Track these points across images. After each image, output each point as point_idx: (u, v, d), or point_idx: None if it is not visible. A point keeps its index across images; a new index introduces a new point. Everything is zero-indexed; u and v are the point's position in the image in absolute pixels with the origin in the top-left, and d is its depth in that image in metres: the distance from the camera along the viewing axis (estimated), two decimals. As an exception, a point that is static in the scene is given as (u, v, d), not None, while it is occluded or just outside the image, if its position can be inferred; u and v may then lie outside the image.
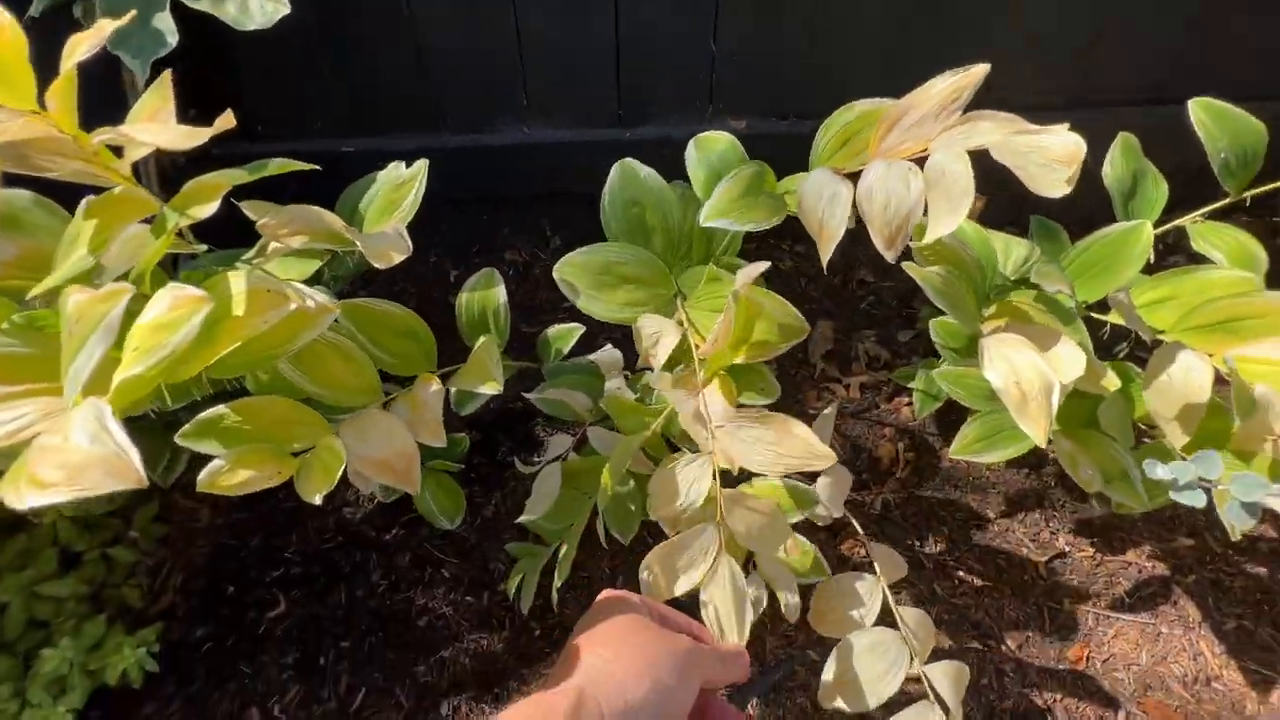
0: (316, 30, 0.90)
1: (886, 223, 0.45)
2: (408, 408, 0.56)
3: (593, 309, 0.59)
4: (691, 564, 0.49)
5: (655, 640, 0.35)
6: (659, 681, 0.32)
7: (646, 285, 0.61)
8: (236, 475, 0.42)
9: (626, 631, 0.35)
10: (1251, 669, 0.75)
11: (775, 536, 0.50)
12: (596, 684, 0.31)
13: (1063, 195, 0.41)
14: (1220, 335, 0.58)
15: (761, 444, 0.47)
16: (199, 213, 0.50)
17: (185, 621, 0.78)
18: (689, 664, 0.34)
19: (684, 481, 0.49)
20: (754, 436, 0.48)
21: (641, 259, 0.60)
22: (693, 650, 0.35)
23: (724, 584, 0.48)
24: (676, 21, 0.92)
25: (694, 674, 0.34)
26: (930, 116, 0.46)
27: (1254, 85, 0.98)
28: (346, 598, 0.80)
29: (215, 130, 0.44)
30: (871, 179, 0.46)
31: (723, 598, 0.48)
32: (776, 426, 0.47)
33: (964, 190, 0.42)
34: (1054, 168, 0.40)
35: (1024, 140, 0.41)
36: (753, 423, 0.48)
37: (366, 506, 0.87)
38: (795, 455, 0.47)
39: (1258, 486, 0.42)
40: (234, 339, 0.38)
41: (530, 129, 1.04)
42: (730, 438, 0.48)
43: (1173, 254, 1.08)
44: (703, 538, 0.49)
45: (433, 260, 1.16)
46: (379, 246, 0.53)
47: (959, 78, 0.45)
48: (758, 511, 0.49)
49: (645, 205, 0.63)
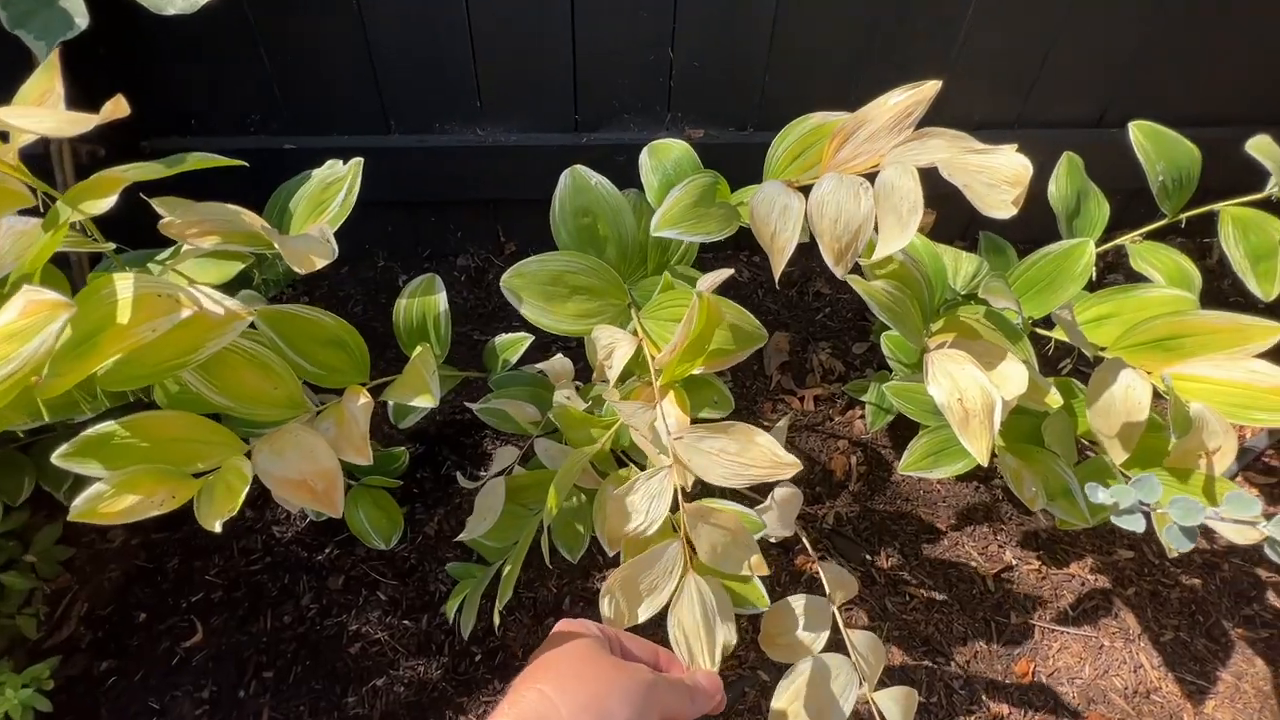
0: (255, 22, 0.85)
1: (836, 238, 0.44)
2: (334, 422, 0.52)
3: (542, 321, 0.56)
4: (655, 586, 0.45)
5: (607, 673, 0.32)
6: (607, 718, 0.30)
7: (599, 295, 0.58)
8: (121, 501, 0.38)
9: (577, 663, 0.33)
10: (1188, 680, 0.77)
11: (740, 553, 0.48)
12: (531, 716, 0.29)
13: (1009, 216, 0.41)
14: (1159, 353, 0.59)
15: (724, 455, 0.45)
16: (93, 208, 0.46)
17: (89, 653, 0.71)
18: (645, 698, 0.32)
19: (643, 498, 0.45)
20: (716, 448, 0.45)
21: (593, 268, 0.58)
22: (651, 683, 0.33)
23: (693, 604, 0.45)
24: (634, 27, 0.90)
25: (650, 709, 0.32)
26: (883, 131, 0.45)
27: (1192, 112, 1.03)
28: (271, 624, 0.75)
29: (103, 118, 0.40)
30: (822, 192, 0.44)
31: (691, 620, 0.44)
32: (739, 436, 0.45)
33: (913, 207, 0.41)
34: (1001, 188, 0.40)
35: (973, 160, 0.40)
36: (714, 434, 0.45)
37: (297, 525, 0.82)
38: (759, 465, 0.44)
39: (1195, 510, 0.42)
40: (117, 348, 0.34)
41: (484, 131, 1.00)
42: (690, 450, 0.46)
43: (1113, 271, 1.12)
44: (666, 557, 0.46)
45: (381, 265, 1.12)
46: (300, 250, 0.49)
47: (912, 94, 0.45)
48: (723, 527, 0.47)
49: (597, 215, 0.61)
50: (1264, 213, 0.68)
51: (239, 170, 0.56)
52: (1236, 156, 0.67)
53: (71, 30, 0.63)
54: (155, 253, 0.63)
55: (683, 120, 1.02)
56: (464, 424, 0.92)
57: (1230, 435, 0.55)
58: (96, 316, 0.35)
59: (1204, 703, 0.75)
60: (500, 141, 1.00)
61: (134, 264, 0.63)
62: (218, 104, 0.94)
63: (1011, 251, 0.83)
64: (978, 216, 1.00)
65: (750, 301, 1.09)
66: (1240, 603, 0.82)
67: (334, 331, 0.56)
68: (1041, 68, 0.98)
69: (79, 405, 0.45)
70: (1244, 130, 0.69)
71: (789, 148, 0.56)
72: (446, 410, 0.93)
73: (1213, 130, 1.03)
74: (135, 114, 1.03)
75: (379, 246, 1.13)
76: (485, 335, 1.02)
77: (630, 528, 0.45)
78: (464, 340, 1.02)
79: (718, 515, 0.47)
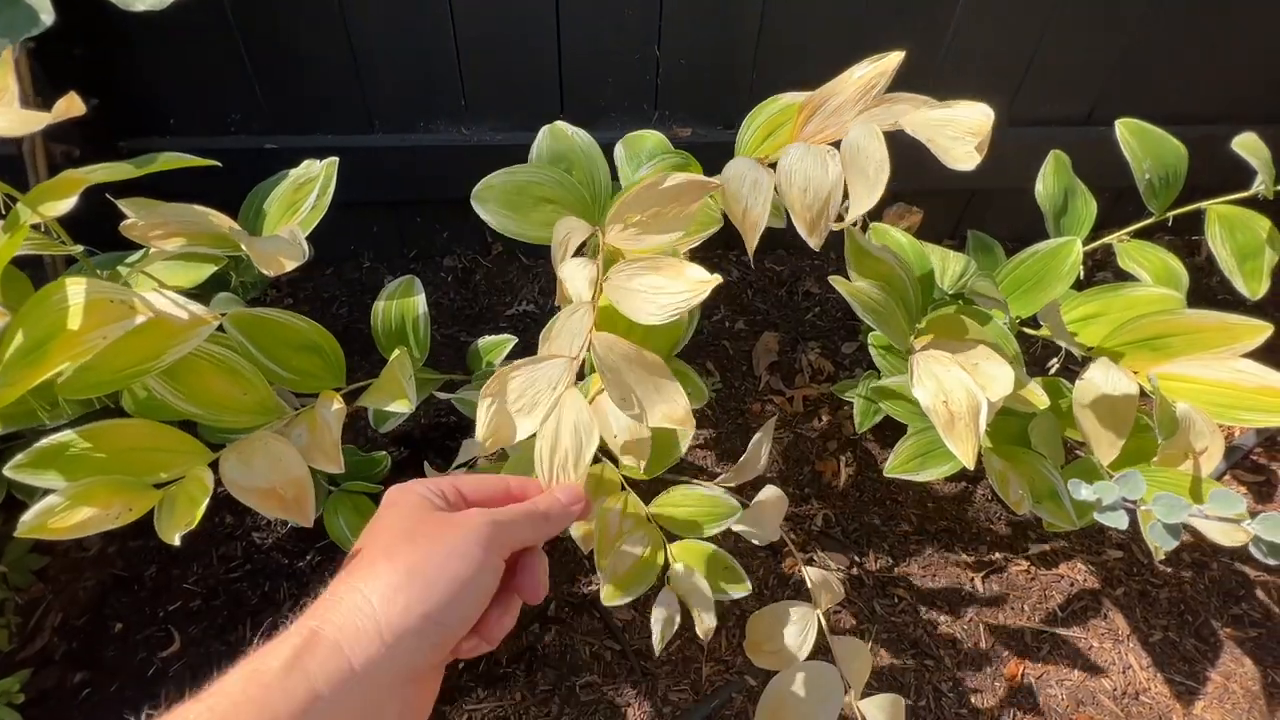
0: (235, 19, 0.84)
1: (807, 206, 0.43)
2: (307, 429, 0.51)
3: (508, 228, 0.55)
4: (535, 403, 0.40)
5: (426, 535, 0.28)
6: (431, 584, 0.26)
7: (566, 207, 0.57)
8: (75, 514, 0.37)
9: (394, 541, 0.28)
10: (1177, 681, 0.76)
11: (657, 397, 0.41)
12: (336, 619, 0.25)
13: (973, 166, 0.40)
14: (1146, 352, 0.58)
15: (654, 291, 0.40)
16: (54, 209, 0.45)
17: (63, 665, 0.70)
18: (476, 543, 0.28)
19: (564, 337, 0.41)
20: (649, 284, 0.41)
21: (560, 180, 0.57)
22: (479, 525, 0.29)
23: (564, 416, 0.39)
24: (620, 25, 0.89)
25: (483, 551, 0.28)
26: (850, 103, 0.44)
27: (1180, 110, 1.03)
28: (251, 633, 0.73)
29: (55, 116, 0.38)
30: (790, 161, 0.43)
31: (554, 433, 0.38)
32: (669, 269, 0.41)
33: (879, 165, 0.40)
34: (964, 139, 0.39)
35: (937, 114, 0.39)
36: (646, 271, 0.41)
37: (278, 531, 0.81)
38: (684, 290, 0.40)
39: (1179, 508, 0.41)
40: (68, 356, 0.33)
41: (469, 130, 0.99)
42: (620, 290, 0.41)
43: (1101, 270, 1.11)
44: (551, 367, 0.40)
45: (366, 265, 1.10)
46: (268, 252, 0.48)
47: (876, 66, 0.44)
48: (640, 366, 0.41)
49: (572, 161, 0.60)
50: (1251, 211, 0.68)
51: (219, 170, 0.55)
52: (1225, 154, 0.66)
53: (36, 27, 0.61)
54: (126, 255, 0.62)
55: (670, 118, 1.01)
56: (449, 427, 0.91)
57: (1217, 436, 0.54)
58: (48, 323, 0.34)
59: (1193, 703, 0.75)
60: (485, 140, 0.99)
61: (104, 266, 0.61)
62: (197, 103, 0.92)
63: (999, 250, 0.82)
64: (967, 214, 1.00)
65: (739, 301, 1.08)
66: (1229, 602, 0.82)
67: (308, 335, 0.55)
68: (1029, 66, 0.98)
69: (36, 414, 0.44)
70: (1233, 127, 0.69)
71: (759, 128, 0.55)
72: (431, 413, 0.92)
73: (1202, 128, 1.02)
74: (112, 113, 1.01)
75: (364, 247, 1.11)
76: (472, 336, 1.00)
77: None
78: (451, 342, 1.01)
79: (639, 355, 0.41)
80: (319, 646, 0.23)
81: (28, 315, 0.34)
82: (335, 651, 0.24)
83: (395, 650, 0.24)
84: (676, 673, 0.74)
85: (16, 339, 0.34)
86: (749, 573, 0.82)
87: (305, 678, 0.23)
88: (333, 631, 0.24)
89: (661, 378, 0.41)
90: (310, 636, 0.24)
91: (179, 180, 0.55)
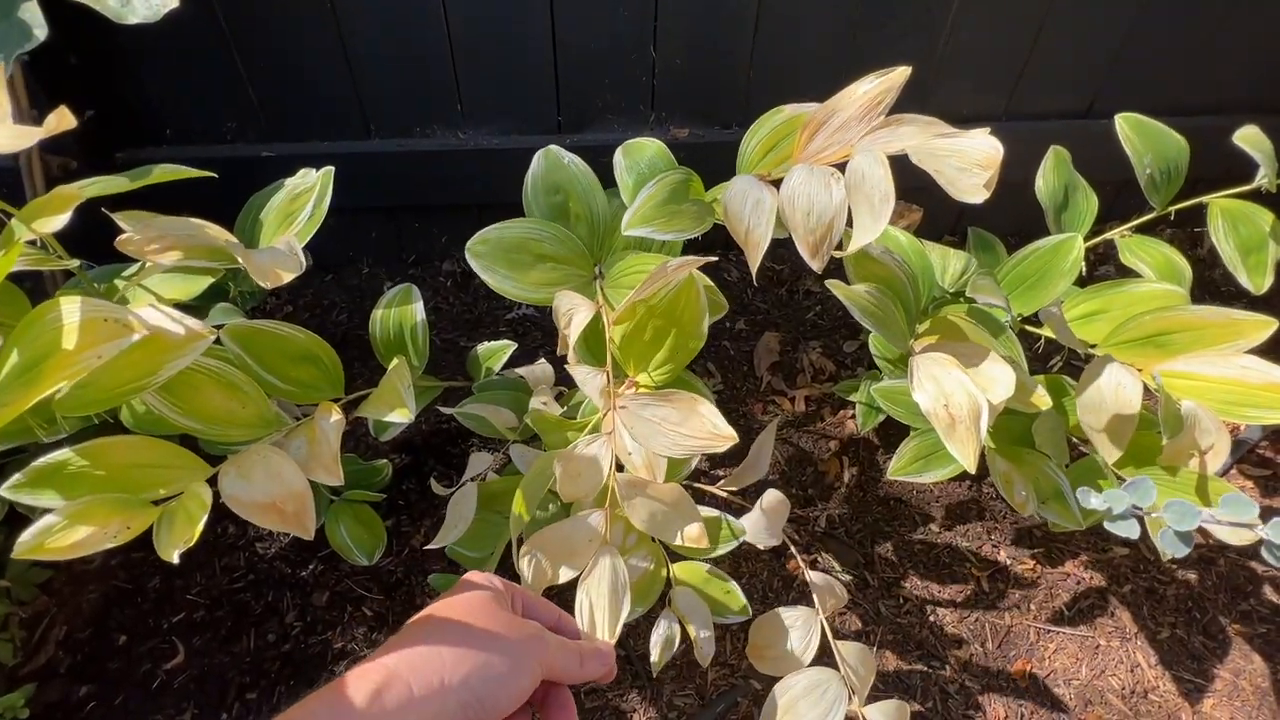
0: (229, 29, 0.84)
1: (810, 230, 0.43)
2: (305, 441, 0.51)
3: (506, 289, 0.55)
4: (574, 552, 0.45)
5: (494, 622, 0.32)
6: (486, 665, 0.30)
7: (564, 264, 0.57)
8: (73, 534, 0.36)
9: (466, 613, 0.32)
10: (1185, 679, 0.76)
11: (678, 521, 0.46)
12: (413, 664, 0.29)
13: (982, 200, 0.40)
14: (1149, 349, 0.58)
15: (666, 424, 0.43)
16: (48, 225, 0.44)
17: (67, 679, 0.70)
18: (530, 651, 0.32)
19: (584, 464, 0.45)
20: (659, 416, 0.44)
21: (558, 237, 0.57)
22: (538, 637, 0.33)
23: (602, 575, 0.44)
24: (615, 27, 0.89)
25: (534, 662, 0.32)
26: (854, 120, 0.44)
27: (1182, 101, 1.02)
28: (255, 643, 0.73)
29: (47, 131, 0.38)
30: (793, 184, 0.43)
31: (599, 590, 0.43)
32: (681, 405, 0.43)
33: (885, 196, 0.40)
34: (973, 171, 0.38)
35: (943, 144, 0.39)
36: (657, 401, 0.44)
37: (281, 541, 0.80)
38: (698, 435, 0.43)
39: (1191, 515, 0.41)
40: (62, 376, 0.33)
41: (465, 135, 0.99)
42: (633, 418, 0.44)
43: (1104, 264, 1.11)
44: (589, 523, 0.45)
45: (366, 271, 1.10)
46: (265, 264, 0.48)
47: (882, 81, 0.43)
48: (658, 499, 0.46)
49: (569, 193, 0.60)
50: (1254, 204, 0.67)
51: (216, 179, 0.55)
52: (1228, 145, 0.65)
53: (30, 42, 0.61)
54: (123, 268, 0.62)
55: (667, 120, 1.00)
56: (450, 433, 0.91)
57: (1223, 434, 0.54)
58: (42, 343, 0.34)
59: (1202, 701, 0.74)
60: (482, 145, 0.98)
61: (101, 280, 0.61)
62: (193, 113, 0.92)
63: (1000, 247, 0.82)
64: (967, 211, 0.98)
65: (740, 301, 1.08)
66: (1237, 598, 0.81)
67: (305, 346, 0.55)
68: (1028, 59, 0.97)
69: (34, 431, 0.43)
70: (1236, 119, 0.68)
71: (761, 141, 0.55)
72: (432, 420, 0.91)
73: (1205, 119, 1.02)
74: (109, 124, 1.01)
75: (363, 253, 1.11)
76: (472, 341, 1.00)
77: (572, 494, 0.44)
78: (451, 347, 1.01)
79: (654, 488, 0.45)
80: (395, 687, 0.28)
81: (22, 335, 0.34)
82: (406, 690, 0.28)
83: (445, 701, 0.28)
84: (681, 677, 0.74)
85: (11, 359, 0.34)
86: (752, 575, 0.82)
87: (382, 710, 0.27)
88: (408, 674, 0.28)
89: (679, 505, 0.45)
90: (390, 677, 0.28)
91: (176, 188, 0.54)
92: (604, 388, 0.46)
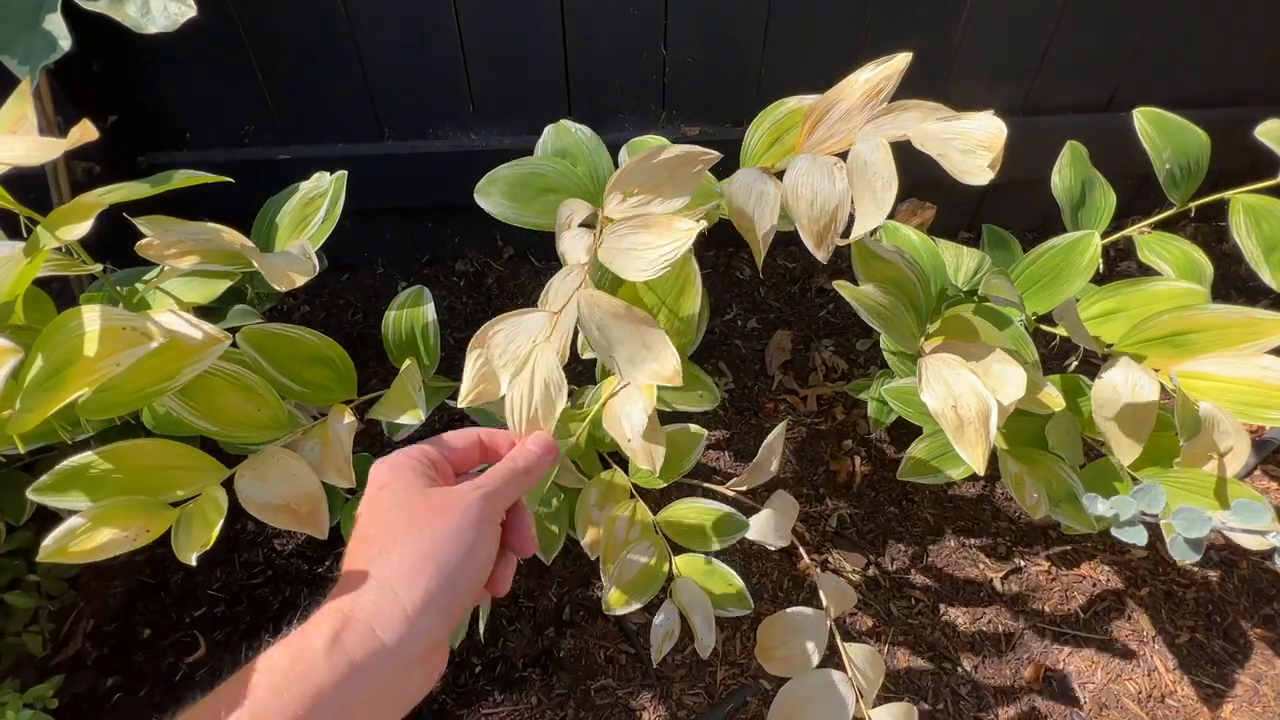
0: (246, 34, 0.85)
1: (814, 220, 0.43)
2: (319, 443, 0.52)
3: (508, 216, 0.56)
4: (517, 357, 0.40)
5: (425, 515, 0.30)
6: (443, 567, 0.29)
7: (568, 194, 0.57)
8: (96, 537, 0.38)
9: (393, 522, 0.30)
10: (1204, 684, 0.74)
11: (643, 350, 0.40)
12: (364, 603, 0.27)
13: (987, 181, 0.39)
14: (1167, 349, 0.57)
15: (645, 248, 0.40)
16: (72, 232, 0.46)
17: (94, 670, 0.72)
18: (472, 516, 0.30)
19: (555, 294, 0.41)
20: (640, 242, 0.40)
21: (564, 170, 0.58)
22: (475, 500, 0.31)
23: (536, 370, 0.39)
24: (624, 26, 0.89)
25: (482, 521, 0.30)
26: (856, 109, 0.44)
27: (1205, 93, 0.99)
28: (274, 637, 0.75)
29: (71, 143, 0.39)
30: (796, 174, 0.43)
31: (534, 384, 0.39)
32: (658, 225, 0.40)
33: (887, 181, 0.40)
34: (976, 153, 0.38)
35: (945, 126, 0.38)
36: (637, 229, 0.41)
37: (298, 538, 0.82)
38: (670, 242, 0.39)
39: (1201, 521, 0.40)
40: (84, 382, 0.34)
41: (477, 136, 1.00)
42: (612, 251, 0.41)
43: (1125, 260, 1.09)
44: (531, 322, 0.40)
45: (380, 272, 1.12)
46: (280, 268, 0.49)
47: (882, 68, 0.43)
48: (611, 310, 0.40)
49: (576, 157, 0.61)
50: (1277, 200, 0.66)
51: (233, 180, 0.56)
52: (1253, 139, 0.64)
53: (55, 53, 0.63)
54: (143, 271, 0.63)
55: (678, 118, 1.00)
56: (462, 432, 0.92)
57: (1242, 435, 0.53)
58: (65, 350, 0.35)
59: (1221, 706, 0.73)
60: (494, 145, 0.99)
61: (123, 283, 0.63)
62: (212, 117, 0.94)
63: (1016, 245, 0.80)
64: (983, 207, 0.97)
65: (752, 298, 1.07)
66: (1259, 602, 0.80)
67: (318, 349, 0.56)
68: (1046, 52, 0.95)
69: (57, 434, 0.45)
70: (1261, 109, 0.66)
71: (765, 134, 0.54)
72: (445, 419, 0.93)
73: (1229, 111, 0.99)
74: (131, 130, 1.03)
75: (377, 253, 1.12)
76: (483, 341, 1.01)
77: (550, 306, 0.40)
78: (463, 346, 1.01)
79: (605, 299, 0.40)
80: (354, 628, 0.27)
81: (46, 342, 0.35)
82: (369, 633, 0.27)
83: (418, 626, 0.27)
84: (691, 676, 0.74)
85: (36, 366, 0.35)
86: (761, 575, 0.82)
87: (344, 654, 0.26)
88: (364, 616, 0.27)
89: (649, 331, 0.40)
90: (346, 620, 0.27)
91: (195, 188, 0.56)
92: (590, 245, 0.42)
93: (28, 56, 0.63)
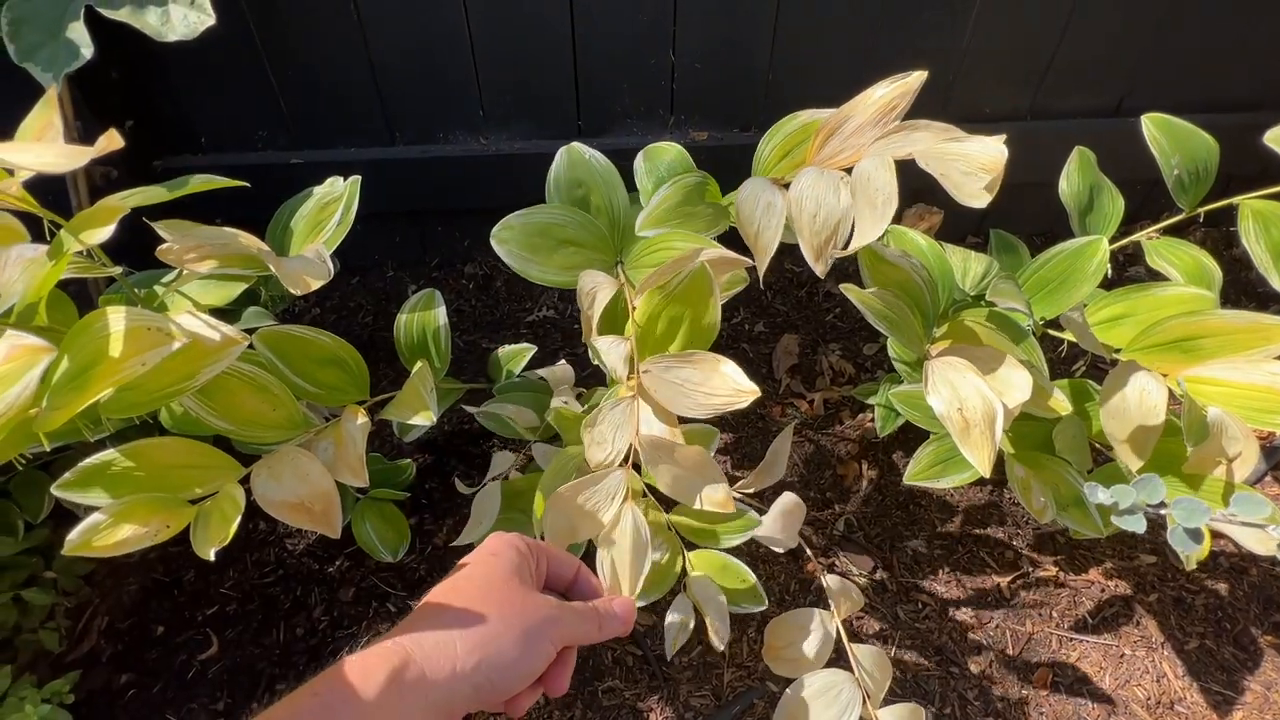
0: (260, 41, 0.86)
1: (815, 232, 0.43)
2: (333, 443, 0.53)
3: (529, 272, 0.56)
4: (596, 508, 0.45)
5: (510, 604, 0.33)
6: (499, 654, 0.31)
7: (587, 249, 0.58)
8: (117, 533, 0.39)
9: (482, 592, 0.33)
10: (1214, 690, 0.74)
11: (699, 483, 0.45)
12: (425, 648, 0.30)
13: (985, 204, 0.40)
14: (1175, 355, 0.57)
15: (689, 385, 0.44)
16: (94, 236, 0.47)
17: (109, 666, 0.73)
18: (543, 634, 0.33)
19: (608, 428, 0.45)
20: (682, 377, 0.44)
21: (581, 222, 0.58)
22: (552, 619, 0.34)
23: (626, 532, 0.43)
24: (634, 31, 0.89)
25: (547, 644, 0.33)
26: (868, 125, 0.44)
27: (1215, 98, 0.99)
28: (284, 636, 0.76)
29: (97, 151, 0.40)
30: (802, 186, 0.44)
31: (622, 547, 0.43)
32: (703, 366, 0.44)
33: (887, 198, 0.40)
34: (977, 175, 0.38)
35: (950, 148, 0.39)
36: (680, 364, 0.44)
37: (309, 537, 0.83)
38: (721, 393, 0.43)
39: (1200, 511, 0.40)
40: (110, 382, 0.35)
41: (487, 140, 1.01)
42: (657, 381, 0.44)
43: (1134, 264, 1.08)
44: (610, 480, 0.44)
45: (390, 274, 1.13)
46: (295, 271, 0.49)
47: (897, 86, 0.44)
48: (680, 464, 0.45)
49: (591, 187, 0.61)
50: (1287, 205, 0.65)
51: (247, 183, 0.57)
52: (1264, 144, 0.64)
53: (77, 60, 0.65)
54: (162, 274, 0.65)
55: (686, 123, 1.01)
56: (472, 433, 0.93)
57: (1251, 441, 0.53)
58: (90, 350, 0.36)
59: (1230, 713, 0.73)
60: (503, 149, 1.00)
61: (142, 285, 0.64)
62: (227, 122, 0.95)
63: (1024, 249, 0.81)
64: (991, 212, 0.97)
65: (759, 303, 1.08)
66: (1270, 609, 0.79)
67: (332, 351, 0.57)
68: (1054, 55, 0.95)
69: (81, 431, 0.46)
70: (1271, 116, 0.66)
71: (777, 146, 0.55)
72: (455, 420, 0.93)
73: (1236, 116, 0.99)
74: (147, 134, 1.05)
75: (388, 256, 1.14)
76: (493, 343, 1.02)
77: (598, 458, 0.44)
78: (473, 349, 1.03)
79: (679, 451, 0.45)
80: (410, 670, 0.29)
81: (72, 343, 0.36)
82: (421, 677, 0.29)
83: (455, 688, 0.30)
84: (698, 678, 0.75)
85: (62, 366, 0.36)
86: (769, 578, 0.82)
87: (398, 692, 0.29)
88: (421, 659, 0.30)
89: (702, 468, 0.44)
90: (406, 660, 0.29)
91: (209, 193, 0.57)
92: (627, 355, 0.45)
93: (51, 64, 0.65)
